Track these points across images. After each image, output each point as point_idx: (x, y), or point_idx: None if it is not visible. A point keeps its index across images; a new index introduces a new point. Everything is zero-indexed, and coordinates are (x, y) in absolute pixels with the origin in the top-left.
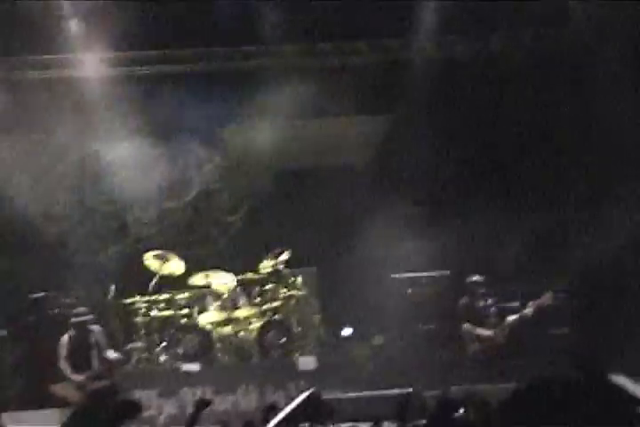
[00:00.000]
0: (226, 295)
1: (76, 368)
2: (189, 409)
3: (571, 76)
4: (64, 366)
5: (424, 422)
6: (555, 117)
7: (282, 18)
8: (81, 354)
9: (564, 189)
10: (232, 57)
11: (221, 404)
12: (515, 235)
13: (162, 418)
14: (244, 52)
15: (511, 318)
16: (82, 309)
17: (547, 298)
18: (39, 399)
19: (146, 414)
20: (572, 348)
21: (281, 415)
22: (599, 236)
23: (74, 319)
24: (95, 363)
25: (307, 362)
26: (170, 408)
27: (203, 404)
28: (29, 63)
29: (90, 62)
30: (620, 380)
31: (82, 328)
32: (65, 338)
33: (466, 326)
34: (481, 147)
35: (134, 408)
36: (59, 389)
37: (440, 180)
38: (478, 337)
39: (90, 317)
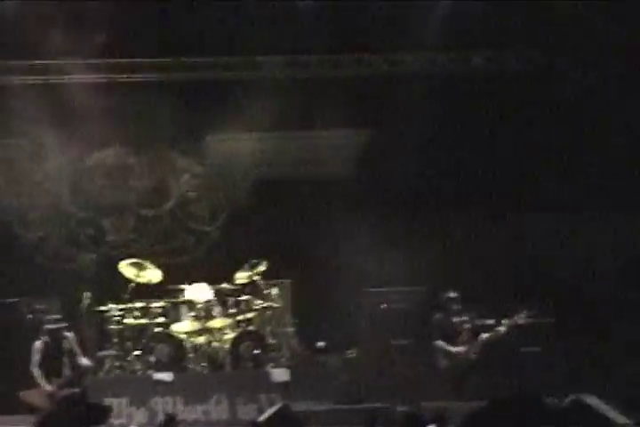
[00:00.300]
0: (201, 305)
1: (48, 375)
2: (159, 418)
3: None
4: (36, 372)
5: None
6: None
7: (268, 29)
8: (53, 361)
9: (543, 206)
10: (214, 67)
11: (192, 413)
12: (491, 252)
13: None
14: (226, 62)
15: (484, 335)
16: (56, 316)
17: (521, 317)
18: (10, 405)
19: (116, 422)
20: (543, 367)
21: None
22: (574, 254)
23: (48, 326)
24: (66, 370)
25: (279, 374)
26: (140, 417)
27: (170, 419)
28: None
29: (74, 69)
30: (591, 400)
31: (56, 335)
32: (38, 344)
33: (438, 342)
34: (460, 162)
35: (103, 413)
36: (29, 395)
37: (419, 195)
38: (449, 353)
39: (64, 324)
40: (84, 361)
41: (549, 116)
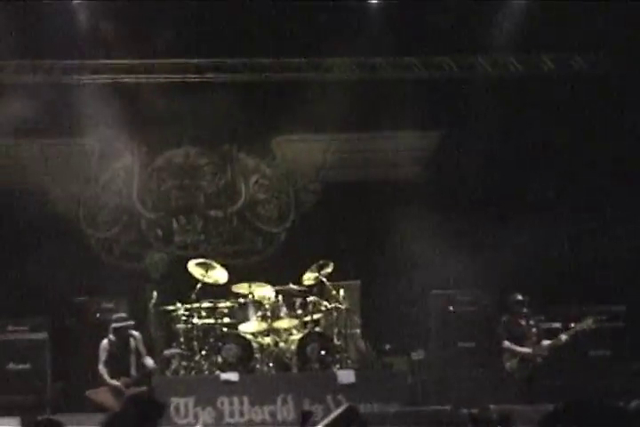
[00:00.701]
0: (268, 306)
1: (114, 373)
2: (226, 418)
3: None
4: (102, 370)
5: None
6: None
7: (338, 30)
8: (119, 359)
9: (614, 208)
10: (284, 68)
11: (258, 414)
12: (561, 255)
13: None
14: (296, 63)
15: (546, 342)
16: (123, 314)
17: (587, 323)
18: (75, 403)
19: (182, 422)
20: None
21: None
22: None
23: (115, 324)
24: (133, 369)
25: (346, 375)
26: (206, 417)
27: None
28: (78, 67)
29: (143, 68)
30: None
31: (122, 334)
32: (105, 342)
33: (506, 342)
34: (527, 165)
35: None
36: (95, 394)
37: (488, 196)
38: (517, 354)
39: (131, 322)
40: (149, 361)
41: (620, 118)
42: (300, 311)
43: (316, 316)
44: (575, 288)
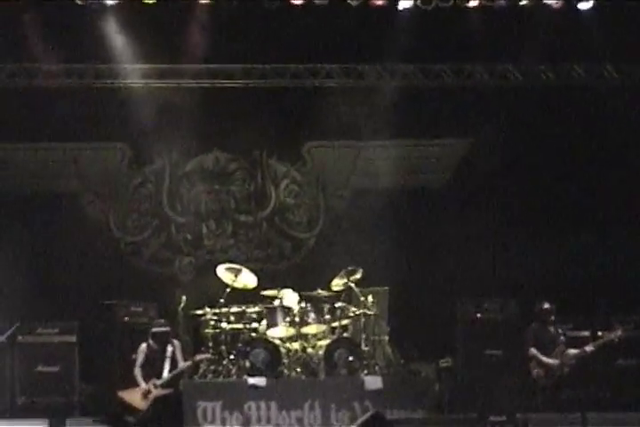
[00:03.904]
0: (296, 311)
1: (147, 377)
2: (253, 423)
3: None
4: (137, 372)
5: None
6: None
7: (371, 37)
8: (154, 363)
9: None
10: (315, 74)
11: (285, 419)
12: (589, 263)
13: None
14: (327, 70)
15: (572, 351)
16: (161, 320)
17: (615, 334)
18: (104, 406)
19: (209, 426)
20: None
21: None
22: None
23: (154, 329)
24: (165, 373)
25: (373, 381)
26: (233, 421)
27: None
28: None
29: (168, 74)
30: None
31: (161, 339)
32: (144, 346)
33: (532, 349)
34: (556, 173)
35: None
36: (126, 394)
37: (517, 204)
38: (542, 363)
39: (169, 328)
40: (182, 365)
41: None
42: (328, 317)
43: (343, 322)
44: (604, 297)
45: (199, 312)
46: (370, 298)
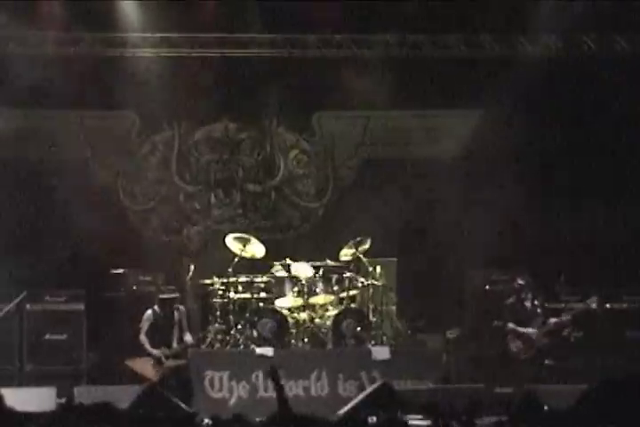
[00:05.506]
0: (304, 281)
1: (155, 344)
2: (260, 393)
3: None
4: (143, 340)
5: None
6: None
7: (381, 7)
8: (161, 330)
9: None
10: (325, 44)
11: (292, 389)
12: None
13: (232, 401)
14: (337, 40)
15: (552, 320)
16: (170, 287)
17: (591, 300)
18: (112, 375)
19: (217, 395)
20: None
21: (351, 404)
22: None
23: (162, 295)
24: (174, 342)
25: (380, 352)
26: (240, 391)
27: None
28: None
29: (177, 42)
30: None
31: (169, 306)
32: (149, 313)
33: (509, 325)
34: (566, 146)
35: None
36: (135, 363)
37: (525, 176)
38: (521, 335)
39: (177, 295)
40: (188, 337)
41: None
42: (336, 287)
43: (352, 292)
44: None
45: (207, 281)
46: (378, 269)
